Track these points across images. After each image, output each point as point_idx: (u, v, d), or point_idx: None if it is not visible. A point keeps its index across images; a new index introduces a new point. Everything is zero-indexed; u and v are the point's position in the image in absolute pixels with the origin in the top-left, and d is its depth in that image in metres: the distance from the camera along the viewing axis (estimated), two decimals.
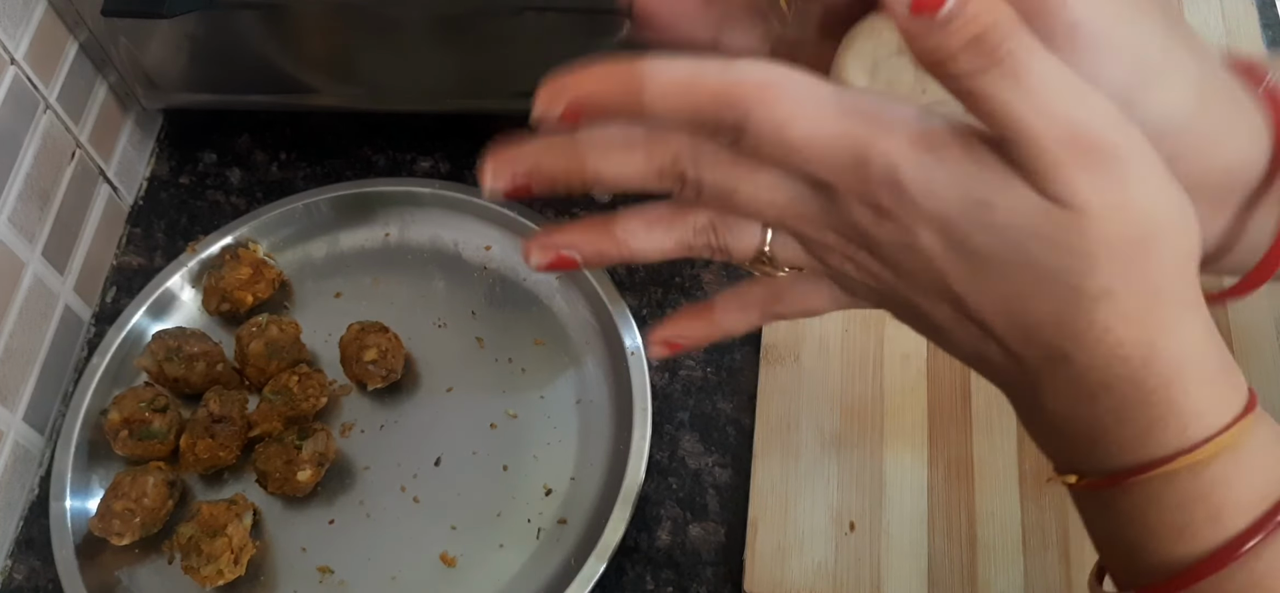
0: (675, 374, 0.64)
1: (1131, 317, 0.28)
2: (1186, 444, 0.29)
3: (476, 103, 0.70)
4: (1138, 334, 0.29)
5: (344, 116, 0.74)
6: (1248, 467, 0.29)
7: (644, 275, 0.67)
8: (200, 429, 0.59)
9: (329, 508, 0.60)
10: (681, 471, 0.61)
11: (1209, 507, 0.29)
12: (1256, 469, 0.30)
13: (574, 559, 0.57)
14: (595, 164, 0.31)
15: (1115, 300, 0.28)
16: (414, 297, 0.67)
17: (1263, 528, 0.29)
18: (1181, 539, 0.30)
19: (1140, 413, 0.29)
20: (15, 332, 0.60)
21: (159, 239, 0.71)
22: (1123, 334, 0.29)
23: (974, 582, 0.56)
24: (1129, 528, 0.31)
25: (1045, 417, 0.32)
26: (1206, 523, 0.29)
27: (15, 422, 0.61)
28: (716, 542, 0.59)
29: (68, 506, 0.59)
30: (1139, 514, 0.30)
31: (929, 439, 0.60)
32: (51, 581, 0.58)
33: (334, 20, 0.65)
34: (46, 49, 0.63)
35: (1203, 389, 0.29)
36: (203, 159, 0.74)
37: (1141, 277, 0.28)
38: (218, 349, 0.63)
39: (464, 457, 0.61)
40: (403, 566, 0.58)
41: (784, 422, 0.61)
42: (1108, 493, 0.31)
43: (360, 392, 0.63)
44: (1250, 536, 0.29)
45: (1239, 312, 0.62)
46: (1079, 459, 0.32)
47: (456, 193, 0.68)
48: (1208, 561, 0.29)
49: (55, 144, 0.64)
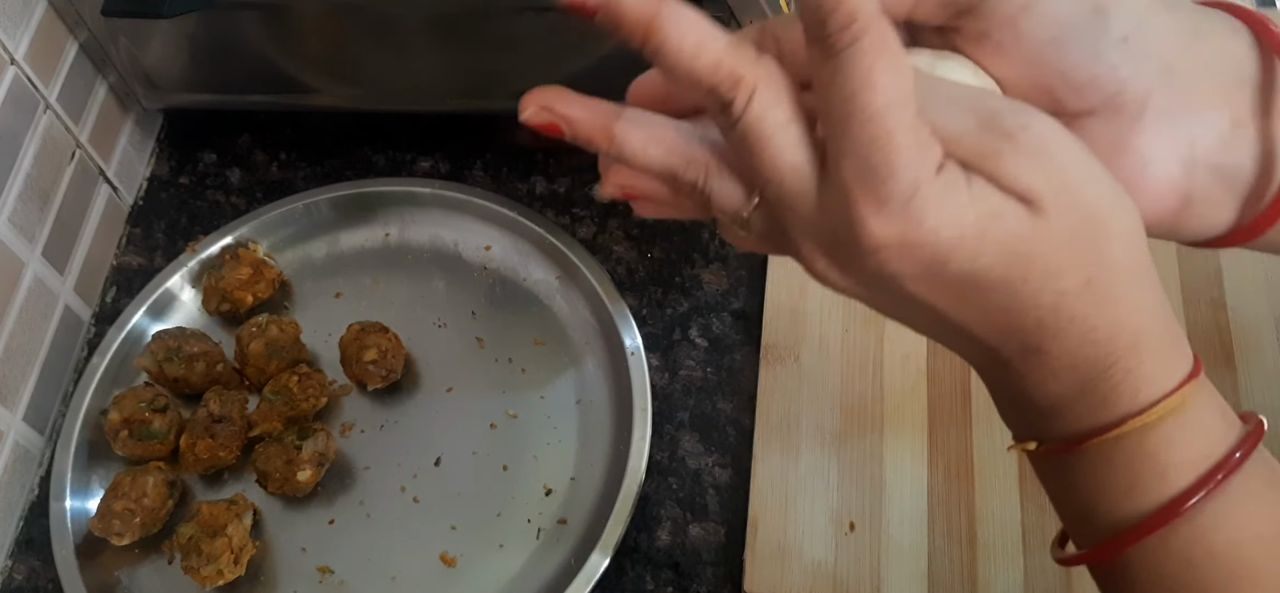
0: (675, 374, 0.64)
1: (1100, 300, 0.30)
2: (1137, 407, 0.30)
3: (476, 103, 0.70)
4: (1106, 314, 0.30)
5: (344, 116, 0.74)
6: (1192, 428, 0.31)
7: (644, 275, 0.67)
8: (200, 429, 0.59)
9: (329, 508, 0.60)
10: (681, 471, 0.61)
11: (1156, 466, 0.31)
12: (1199, 430, 0.31)
13: (574, 559, 0.57)
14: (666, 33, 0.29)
15: (1089, 289, 0.29)
16: (414, 297, 0.67)
17: (1205, 484, 0.30)
18: (1130, 497, 0.31)
19: (1101, 383, 0.31)
20: (15, 332, 0.60)
21: (159, 239, 0.71)
22: (1094, 319, 0.30)
23: (974, 582, 0.56)
24: (1084, 490, 0.32)
25: (1011, 394, 0.33)
26: (1154, 481, 0.31)
27: (15, 422, 0.61)
28: (716, 542, 0.59)
29: (68, 506, 0.59)
30: (1093, 476, 0.32)
31: (929, 439, 0.60)
32: (51, 581, 0.58)
33: (334, 20, 0.65)
34: (46, 49, 0.63)
35: (1156, 356, 0.31)
36: (203, 159, 0.74)
37: (1103, 258, 0.29)
38: (218, 349, 0.63)
39: (464, 457, 0.61)
40: (403, 566, 0.58)
41: (784, 422, 0.61)
42: (1065, 458, 0.32)
43: (360, 392, 0.63)
44: (1194, 492, 0.30)
45: (1239, 312, 0.62)
46: (1039, 428, 0.33)
47: (456, 193, 0.68)
48: (1155, 516, 0.31)
49: (55, 144, 0.64)
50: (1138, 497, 0.31)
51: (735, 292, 0.67)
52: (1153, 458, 0.31)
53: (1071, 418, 0.31)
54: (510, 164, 0.72)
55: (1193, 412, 0.31)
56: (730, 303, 0.66)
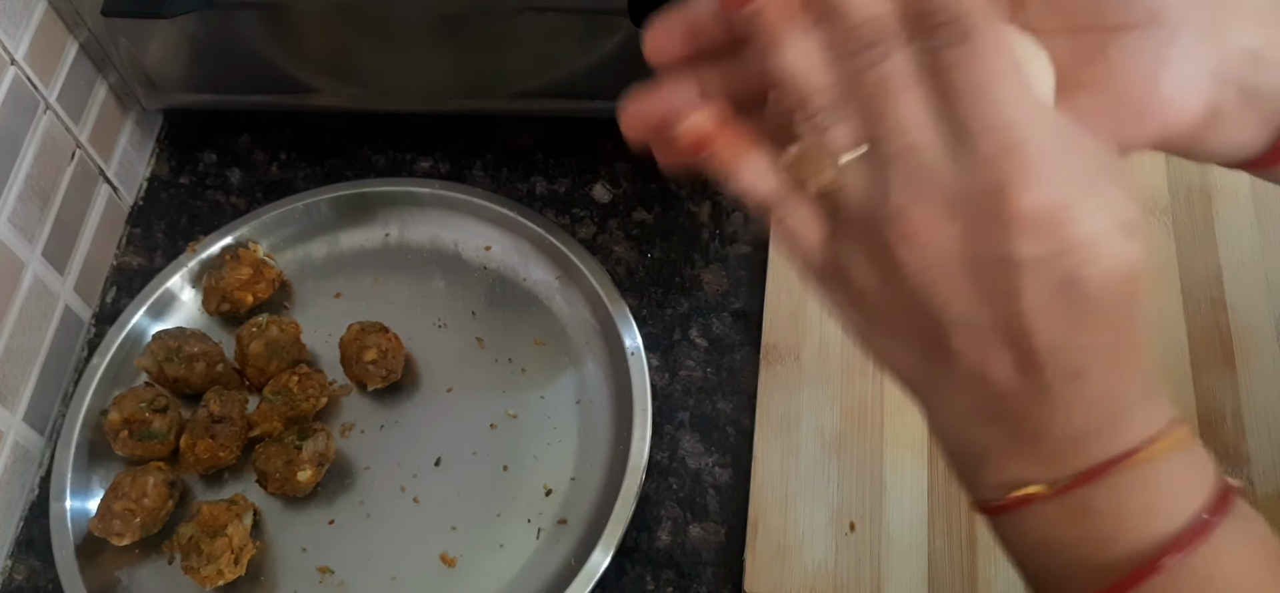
0: (675, 374, 0.64)
1: (1144, 311, 0.30)
2: (1151, 433, 0.31)
3: (476, 103, 0.70)
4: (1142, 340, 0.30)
5: (344, 116, 0.74)
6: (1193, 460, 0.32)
7: (644, 275, 0.67)
8: (200, 429, 0.59)
9: (329, 508, 0.60)
10: (681, 471, 0.61)
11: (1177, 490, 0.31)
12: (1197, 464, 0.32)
13: (574, 559, 0.57)
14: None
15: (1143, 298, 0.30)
16: (414, 297, 0.67)
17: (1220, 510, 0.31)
18: (1151, 520, 0.31)
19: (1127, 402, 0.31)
20: (15, 332, 0.60)
21: (159, 239, 0.71)
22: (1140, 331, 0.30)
23: (974, 582, 0.56)
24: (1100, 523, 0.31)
25: (1025, 429, 0.32)
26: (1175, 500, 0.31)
27: (15, 422, 0.61)
28: (716, 542, 0.59)
29: (68, 506, 0.59)
30: (1112, 508, 0.31)
31: (929, 439, 0.60)
32: (51, 581, 0.58)
33: (334, 20, 0.65)
34: (46, 49, 0.63)
35: (1157, 382, 0.31)
36: (203, 159, 0.74)
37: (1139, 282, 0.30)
38: (218, 349, 0.63)
39: (464, 457, 0.61)
40: (403, 566, 0.58)
41: (784, 422, 0.61)
42: (1078, 493, 0.31)
43: (360, 392, 0.63)
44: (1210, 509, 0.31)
45: (1239, 312, 0.62)
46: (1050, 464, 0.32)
47: (456, 193, 0.68)
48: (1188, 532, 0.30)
49: (55, 144, 0.64)
50: (1160, 521, 0.31)
51: (735, 292, 0.67)
52: (1172, 485, 0.31)
53: (1093, 445, 0.31)
54: (510, 164, 0.72)
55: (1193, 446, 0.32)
56: (730, 303, 0.66)
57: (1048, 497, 0.32)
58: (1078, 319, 0.29)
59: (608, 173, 0.71)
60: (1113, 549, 0.31)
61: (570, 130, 0.72)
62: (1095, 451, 0.31)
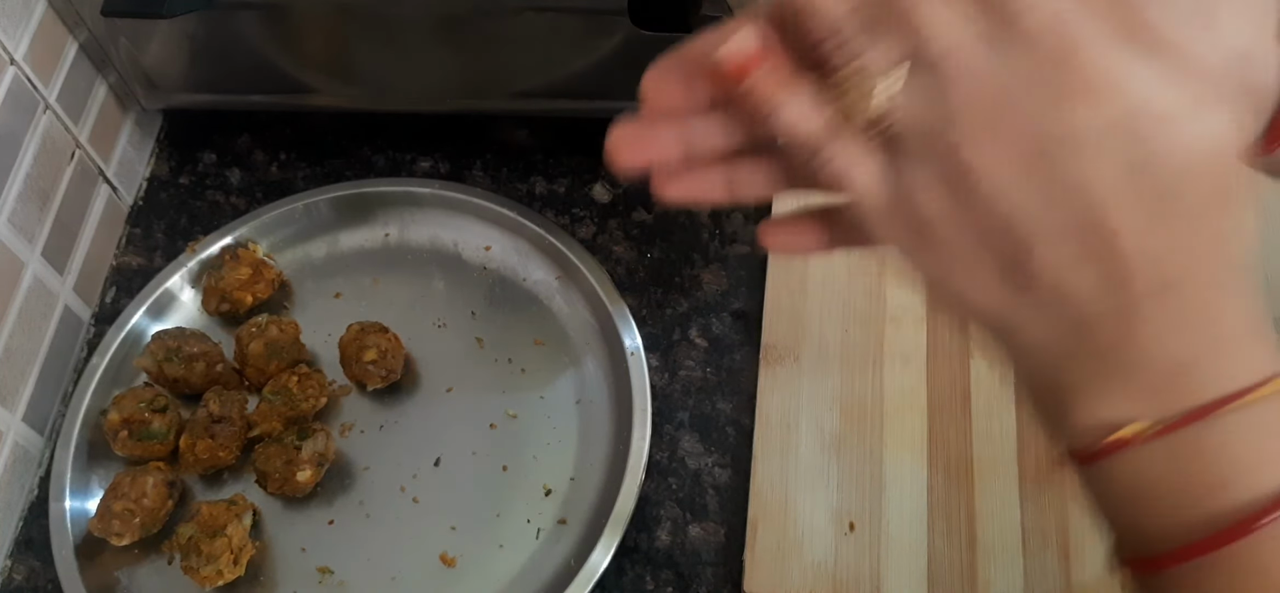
0: (675, 374, 0.64)
1: (1245, 226, 0.28)
2: (1268, 373, 0.28)
3: (476, 103, 0.70)
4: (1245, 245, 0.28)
5: (344, 116, 0.74)
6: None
7: (644, 275, 0.67)
8: (200, 429, 0.59)
9: (329, 508, 0.60)
10: (681, 471, 0.61)
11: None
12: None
13: (573, 559, 0.57)
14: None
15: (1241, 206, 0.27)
16: (414, 297, 0.67)
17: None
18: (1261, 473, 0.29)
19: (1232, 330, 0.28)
20: (15, 332, 0.60)
21: (159, 239, 0.71)
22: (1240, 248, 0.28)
23: (974, 582, 0.56)
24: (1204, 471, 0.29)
25: (1115, 360, 0.29)
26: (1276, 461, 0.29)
27: (15, 422, 0.61)
28: (716, 542, 0.59)
29: (67, 506, 0.59)
30: (1219, 454, 0.29)
31: (929, 439, 0.60)
32: (51, 581, 0.58)
33: (334, 20, 0.65)
34: (46, 49, 0.63)
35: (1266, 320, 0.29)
36: (203, 159, 0.74)
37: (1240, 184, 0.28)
38: (217, 349, 0.63)
39: (464, 457, 0.61)
40: (403, 566, 0.58)
41: (784, 422, 0.61)
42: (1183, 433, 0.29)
43: (360, 392, 0.63)
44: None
45: None
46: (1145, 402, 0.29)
47: (456, 193, 0.68)
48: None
49: (55, 144, 0.64)
50: (1273, 472, 0.28)
51: (735, 292, 0.67)
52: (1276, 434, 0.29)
53: (1193, 382, 0.28)
54: (510, 164, 0.72)
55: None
56: (730, 303, 0.66)
57: (1148, 438, 0.29)
58: (1160, 214, 0.27)
59: (607, 173, 0.71)
60: (1215, 501, 0.29)
61: (570, 130, 0.72)
62: (1198, 385, 0.29)
